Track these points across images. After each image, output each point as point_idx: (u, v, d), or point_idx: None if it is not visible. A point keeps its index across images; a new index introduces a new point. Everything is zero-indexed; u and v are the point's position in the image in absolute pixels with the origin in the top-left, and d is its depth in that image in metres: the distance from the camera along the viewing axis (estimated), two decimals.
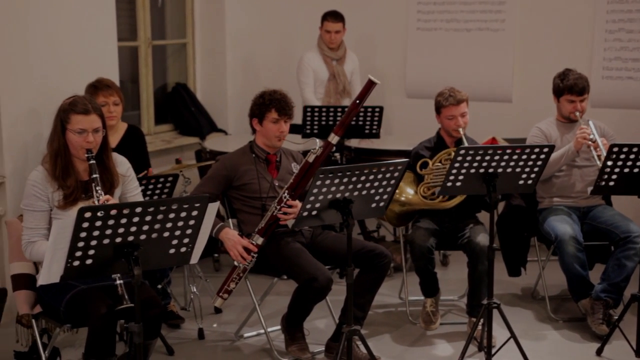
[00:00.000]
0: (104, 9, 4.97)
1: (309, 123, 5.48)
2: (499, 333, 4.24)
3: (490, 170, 3.88)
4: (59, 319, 3.53)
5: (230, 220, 4.41)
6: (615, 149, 4.09)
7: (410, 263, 4.66)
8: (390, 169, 3.64)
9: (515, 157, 3.88)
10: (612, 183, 4.18)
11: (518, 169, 3.93)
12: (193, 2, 6.55)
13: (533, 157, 3.91)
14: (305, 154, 4.16)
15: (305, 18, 6.73)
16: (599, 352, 4.26)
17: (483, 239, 4.37)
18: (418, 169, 4.51)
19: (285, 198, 4.06)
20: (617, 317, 4.29)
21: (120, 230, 2.92)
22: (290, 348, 4.18)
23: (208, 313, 4.79)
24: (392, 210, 4.60)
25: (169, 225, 3.00)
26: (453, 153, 4.07)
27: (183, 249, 3.11)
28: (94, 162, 3.50)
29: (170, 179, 4.39)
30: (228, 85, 6.66)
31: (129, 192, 3.75)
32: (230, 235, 4.11)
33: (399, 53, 6.79)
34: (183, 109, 6.45)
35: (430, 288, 4.64)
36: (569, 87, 4.67)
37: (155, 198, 4.31)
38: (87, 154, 3.51)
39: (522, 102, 6.34)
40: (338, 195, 3.56)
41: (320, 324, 4.60)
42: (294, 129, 4.93)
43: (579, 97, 4.68)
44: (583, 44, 6.07)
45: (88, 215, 2.83)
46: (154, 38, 6.28)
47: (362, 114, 5.47)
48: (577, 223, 4.64)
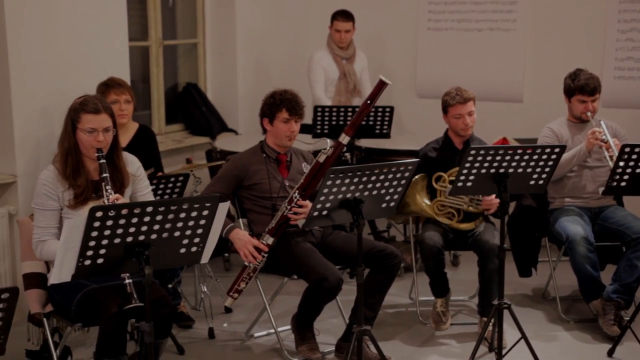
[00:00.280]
0: (116, 9, 4.99)
1: (320, 123, 5.48)
2: (510, 334, 4.23)
3: (501, 171, 3.87)
4: (70, 318, 3.55)
5: (241, 220, 4.41)
6: (627, 149, 4.07)
7: (421, 263, 4.66)
8: (401, 169, 3.63)
9: (526, 157, 3.86)
10: (623, 183, 4.17)
11: (529, 169, 3.92)
12: (204, 2, 6.56)
13: (544, 157, 3.89)
14: (316, 154, 4.16)
15: (316, 18, 6.74)
16: (610, 353, 4.25)
17: (492, 237, 4.36)
18: (433, 182, 4.49)
19: (296, 198, 4.07)
20: (628, 318, 4.27)
21: (132, 230, 2.92)
22: (301, 348, 4.18)
23: (218, 312, 4.80)
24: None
25: (180, 225, 3.01)
26: None
27: (194, 249, 3.12)
28: (104, 161, 3.51)
29: (181, 179, 4.40)
30: (239, 85, 6.66)
31: (140, 191, 3.76)
32: (241, 236, 4.11)
33: (410, 53, 6.78)
34: (194, 109, 6.46)
35: (441, 288, 4.63)
36: (580, 87, 4.65)
37: (166, 198, 4.32)
38: (97, 154, 3.52)
39: (533, 102, 6.32)
40: (348, 195, 3.56)
41: (331, 324, 4.60)
42: (305, 129, 4.93)
43: (591, 97, 4.66)
44: (595, 44, 6.05)
45: (99, 215, 2.84)
46: (165, 38, 6.29)
47: (372, 114, 5.47)
48: (588, 224, 4.62)
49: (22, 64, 4.46)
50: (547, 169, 3.95)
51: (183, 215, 2.98)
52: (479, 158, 3.81)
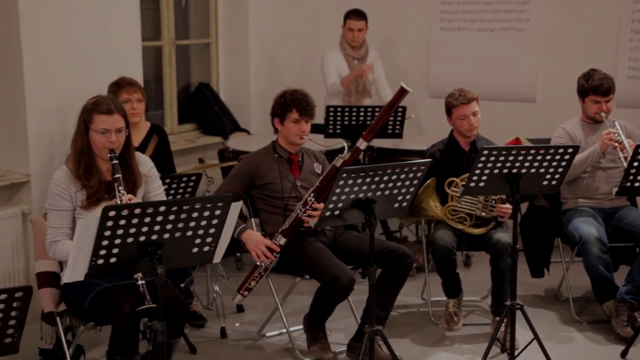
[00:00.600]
0: (129, 9, 5.01)
1: (332, 123, 5.47)
2: (522, 334, 4.21)
3: (514, 171, 3.86)
4: (83, 317, 3.56)
5: (253, 220, 4.42)
6: None
7: (433, 263, 4.65)
8: (413, 169, 3.63)
9: (540, 157, 3.85)
10: (637, 184, 4.15)
11: (542, 170, 3.91)
12: (217, 2, 6.57)
13: (557, 157, 3.88)
14: (328, 154, 4.15)
15: (328, 19, 6.73)
16: (624, 354, 4.23)
17: (504, 236, 4.35)
18: (446, 187, 4.48)
19: (311, 201, 4.06)
20: None
21: (144, 229, 2.93)
22: (312, 348, 4.18)
23: (230, 312, 4.81)
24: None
25: (192, 225, 3.01)
26: None
27: (206, 248, 3.12)
28: (117, 162, 3.52)
29: (194, 179, 4.41)
30: (251, 85, 6.67)
31: (152, 191, 3.77)
32: (253, 236, 4.11)
33: (422, 53, 6.77)
34: (206, 109, 6.47)
35: (453, 289, 4.62)
36: (594, 87, 4.63)
37: (179, 197, 4.33)
38: (110, 154, 3.53)
39: (546, 102, 6.29)
40: (361, 195, 3.56)
41: (343, 324, 4.59)
42: (317, 129, 4.93)
43: (604, 97, 4.63)
44: (608, 44, 6.02)
45: (112, 214, 2.85)
46: (178, 38, 6.31)
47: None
48: (601, 224, 4.60)
49: (36, 64, 4.48)
50: (560, 170, 3.93)
51: (195, 215, 2.99)
52: (492, 158, 3.80)
